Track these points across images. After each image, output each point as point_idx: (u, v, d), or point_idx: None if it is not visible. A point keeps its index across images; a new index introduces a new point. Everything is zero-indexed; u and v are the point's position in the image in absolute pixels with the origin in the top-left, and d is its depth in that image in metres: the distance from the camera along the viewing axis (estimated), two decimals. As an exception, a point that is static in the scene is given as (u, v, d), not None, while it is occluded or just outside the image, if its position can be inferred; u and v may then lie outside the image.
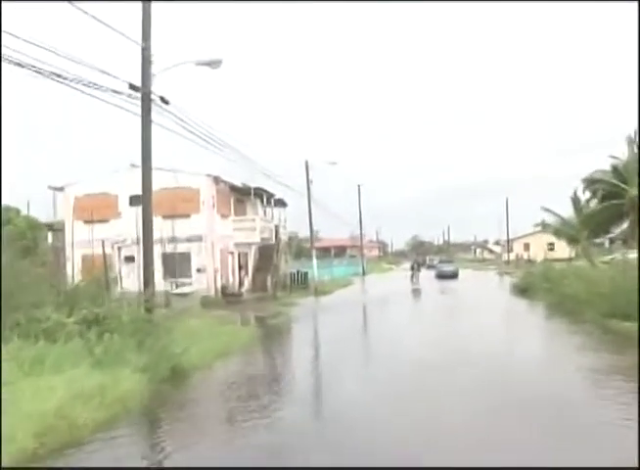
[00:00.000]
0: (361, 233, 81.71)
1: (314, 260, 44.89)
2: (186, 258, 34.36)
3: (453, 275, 59.84)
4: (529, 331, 19.74)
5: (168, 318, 18.16)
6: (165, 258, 34.55)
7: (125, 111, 16.54)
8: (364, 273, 75.10)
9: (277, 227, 42.33)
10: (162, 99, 16.92)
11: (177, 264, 34.44)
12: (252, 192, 37.56)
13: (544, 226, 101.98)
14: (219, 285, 34.62)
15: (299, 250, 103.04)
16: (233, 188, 37.36)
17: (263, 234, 38.00)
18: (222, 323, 20.80)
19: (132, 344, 12.88)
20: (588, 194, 42.27)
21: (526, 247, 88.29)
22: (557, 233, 47.95)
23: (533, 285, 31.29)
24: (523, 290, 32.52)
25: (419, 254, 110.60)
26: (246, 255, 39.73)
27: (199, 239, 34.18)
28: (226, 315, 24.93)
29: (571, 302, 22.88)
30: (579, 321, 20.08)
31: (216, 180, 35.01)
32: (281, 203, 43.60)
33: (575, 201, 43.71)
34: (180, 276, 34.19)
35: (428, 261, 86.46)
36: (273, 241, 40.59)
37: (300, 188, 45.17)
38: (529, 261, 74.45)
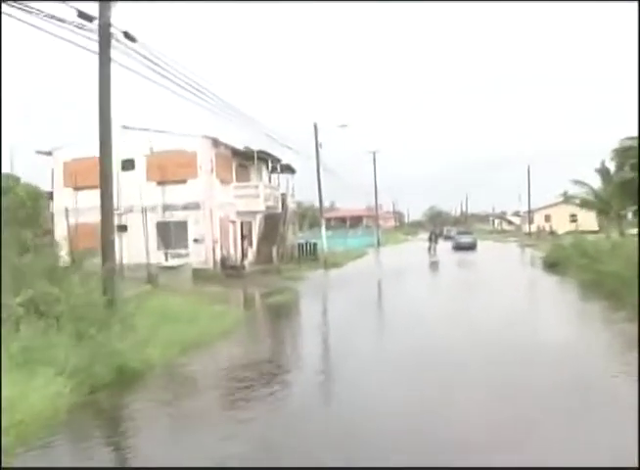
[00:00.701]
0: (376, 202, 78.53)
1: (323, 231, 41.91)
2: (182, 227, 31.67)
3: (471, 247, 57.21)
4: (568, 318, 16.60)
5: (140, 298, 15.41)
6: (160, 227, 31.93)
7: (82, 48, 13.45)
8: (379, 244, 72.09)
9: (284, 195, 39.50)
10: (127, 35, 13.86)
11: (173, 234, 31.78)
12: (256, 156, 34.48)
13: (567, 198, 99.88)
14: (219, 257, 31.90)
15: (315, 220, 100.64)
16: (235, 152, 34.46)
17: (268, 202, 35.14)
18: (211, 302, 18.21)
19: (70, 335, 10.13)
20: (614, 165, 39.39)
21: (547, 218, 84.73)
22: (585, 205, 44.47)
23: (563, 259, 28.24)
24: (551, 264, 29.50)
25: (436, 224, 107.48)
26: (249, 224, 36.95)
27: (196, 207, 31.42)
28: (220, 292, 22.40)
29: (612, 281, 19.76)
30: (622, 306, 16.83)
31: (215, 142, 32.12)
32: (288, 169, 40.60)
33: (604, 171, 40.63)
34: (176, 247, 31.55)
35: (445, 232, 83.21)
36: (279, 210, 37.78)
37: (313, 154, 42.15)
38: (552, 233, 71.14)
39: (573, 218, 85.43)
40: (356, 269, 35.96)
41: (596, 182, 41.67)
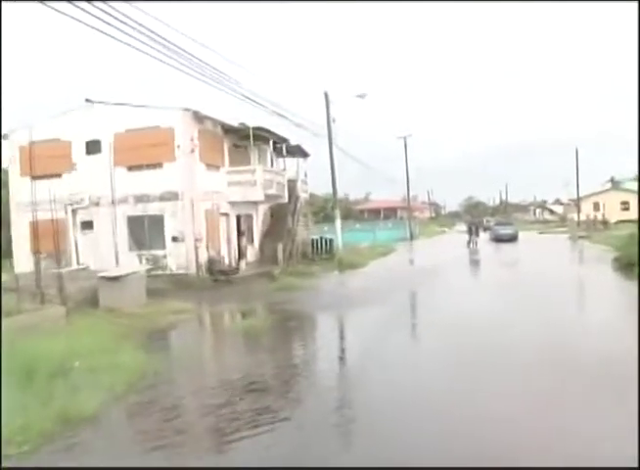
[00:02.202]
0: (408, 191, 71.61)
1: (338, 224, 34.81)
2: (158, 222, 25.44)
3: (512, 238, 51.79)
4: None
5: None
6: (132, 222, 25.85)
7: None
8: (412, 237, 65.46)
9: (293, 182, 33.08)
10: None
11: (147, 232, 25.65)
12: (252, 135, 27.86)
13: (615, 183, 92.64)
14: (205, 258, 25.67)
15: (347, 212, 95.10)
16: (227, 130, 28.09)
17: (269, 190, 28.69)
18: (131, 336, 12.13)
19: None
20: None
21: (596, 206, 77.56)
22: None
23: None
24: (627, 264, 22.46)
25: (474, 215, 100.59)
26: (249, 217, 30.63)
27: (174, 197, 25.17)
28: (171, 312, 16.15)
29: None
30: None
31: (198, 117, 25.77)
32: (299, 151, 34.14)
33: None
34: (151, 247, 25.42)
35: (485, 223, 76.23)
36: (285, 199, 31.42)
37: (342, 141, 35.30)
38: (604, 223, 63.79)
39: (625, 206, 78.26)
40: (377, 273, 28.72)
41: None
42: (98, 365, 9.38)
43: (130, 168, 25.57)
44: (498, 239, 52.11)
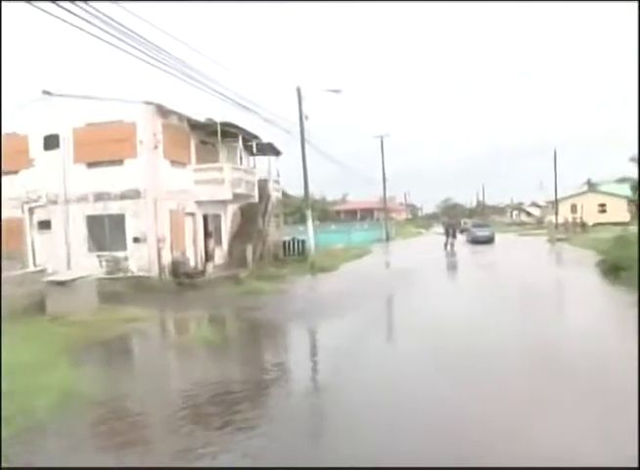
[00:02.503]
0: (384, 192, 70.39)
1: (310, 225, 33.24)
2: (119, 222, 24.01)
3: (489, 240, 51.40)
4: None
5: None
6: (92, 222, 24.40)
7: None
8: (388, 239, 64.39)
9: (264, 181, 31.77)
10: None
11: (108, 232, 24.22)
12: (220, 131, 26.44)
13: (591, 186, 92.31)
14: (170, 260, 24.30)
15: (324, 213, 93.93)
16: (193, 125, 26.71)
17: (237, 189, 27.31)
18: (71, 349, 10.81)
19: None
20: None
21: (574, 209, 76.89)
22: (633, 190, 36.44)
23: (630, 261, 20.07)
24: (612, 268, 21.35)
25: (451, 217, 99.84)
26: (217, 218, 29.27)
27: (135, 195, 23.76)
28: (120, 321, 14.76)
29: None
30: None
31: (161, 111, 24.37)
32: (270, 149, 32.83)
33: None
34: (112, 248, 23.95)
35: (462, 225, 75.37)
36: (256, 198, 30.07)
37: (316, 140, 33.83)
38: (583, 225, 63.03)
39: (603, 208, 77.77)
40: (351, 276, 27.49)
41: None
42: (17, 387, 8.03)
43: (90, 165, 24.12)
44: (475, 241, 51.56)
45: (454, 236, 44.60)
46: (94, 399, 8.29)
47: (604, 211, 75.75)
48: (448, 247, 42.80)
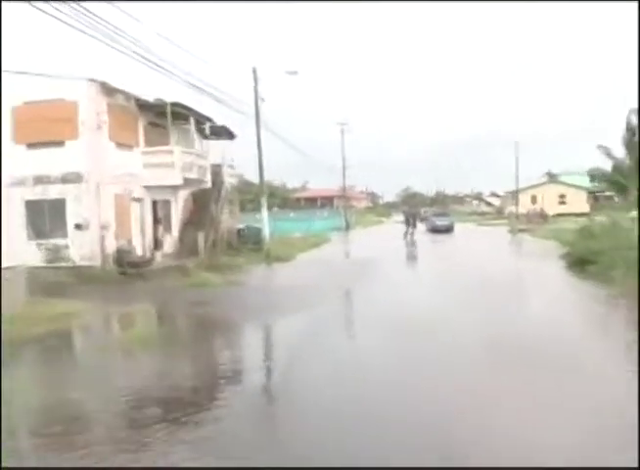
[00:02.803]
0: (344, 180, 69.25)
1: (264, 212, 32.14)
2: (59, 207, 22.46)
3: (448, 229, 52.11)
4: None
5: None
6: (31, 207, 22.80)
7: None
8: (348, 227, 63.39)
9: (218, 166, 30.37)
10: None
11: (48, 218, 22.66)
12: (170, 111, 25.07)
13: (551, 176, 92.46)
14: (115, 248, 22.85)
15: (284, 201, 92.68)
16: (142, 105, 25.21)
17: (189, 173, 25.89)
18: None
19: None
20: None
21: (534, 199, 76.73)
22: (600, 179, 35.80)
23: (598, 254, 19.18)
24: (579, 262, 20.45)
25: (411, 205, 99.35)
26: (167, 203, 27.82)
27: (77, 178, 22.24)
28: (27, 321, 13.27)
29: None
30: None
31: (106, 89, 22.83)
32: (225, 133, 31.40)
33: (629, 138, 32.21)
34: (52, 236, 22.42)
35: (422, 214, 74.78)
36: (209, 184, 28.68)
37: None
38: (543, 216, 62.63)
39: (563, 200, 77.72)
40: (308, 266, 26.36)
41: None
42: None
43: (30, 146, 22.51)
44: (435, 230, 51.72)
45: (414, 225, 43.80)
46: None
47: (564, 203, 75.74)
48: (408, 236, 41.93)
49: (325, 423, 6.81)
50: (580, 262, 20.09)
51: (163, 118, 25.56)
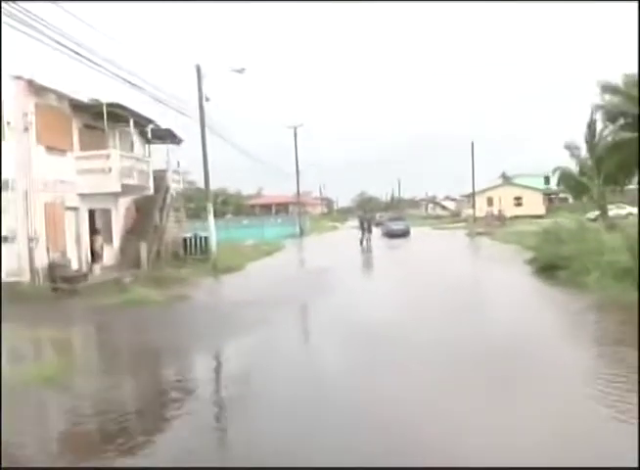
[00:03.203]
0: (298, 185, 67.56)
1: (211, 219, 29.41)
2: (-18, 218, 20.42)
3: (404, 233, 51.25)
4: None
5: None
6: (-49, 219, 20.69)
7: None
8: (302, 234, 61.91)
9: (162, 172, 28.56)
10: None
11: (-30, 230, 20.59)
12: (107, 112, 23.19)
13: (506, 178, 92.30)
14: (46, 262, 20.88)
15: (238, 207, 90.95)
16: (76, 106, 23.31)
17: (128, 179, 23.98)
18: None
19: None
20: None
21: (490, 201, 76.20)
22: (564, 180, 34.67)
23: (565, 260, 17.91)
24: (545, 267, 19.18)
25: (367, 210, 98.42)
26: (107, 213, 25.89)
27: (2, 186, 20.21)
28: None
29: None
30: None
31: (34, 87, 20.89)
32: (170, 136, 29.60)
33: (590, 133, 31.13)
34: (-25, 249, 20.36)
35: (378, 218, 73.73)
36: (152, 191, 26.83)
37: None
38: (501, 219, 61.79)
39: (519, 201, 77.37)
40: (258, 278, 24.67)
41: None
42: None
43: (-50, 151, 20.45)
44: (390, 234, 50.95)
45: (369, 230, 42.09)
46: None
47: (520, 205, 75.40)
48: (364, 242, 40.33)
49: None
50: (549, 268, 18.85)
51: (100, 121, 23.66)
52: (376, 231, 49.19)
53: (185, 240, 30.26)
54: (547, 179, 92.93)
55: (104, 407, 8.05)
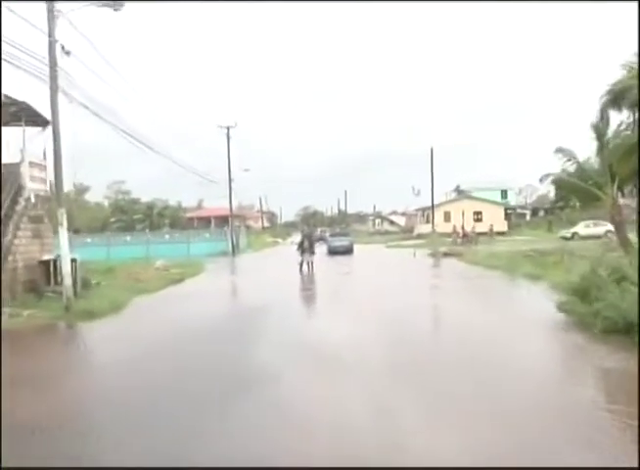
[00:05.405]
0: (230, 193, 58.82)
1: (62, 234, 18.91)
2: None
3: (347, 250, 48.56)
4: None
5: None
6: None
7: None
8: (235, 251, 53.32)
9: (13, 166, 19.60)
10: None
11: None
12: None
13: (460, 192, 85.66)
14: None
15: (175, 220, 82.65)
16: None
17: None
18: None
19: None
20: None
21: (447, 216, 69.30)
22: (563, 186, 26.73)
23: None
24: (614, 328, 10.75)
25: (310, 225, 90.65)
26: None
27: None
28: None
29: None
30: None
31: None
32: (34, 116, 20.56)
33: (599, 127, 23.39)
34: None
35: (320, 234, 66.28)
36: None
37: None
38: (465, 236, 53.94)
39: (478, 216, 70.17)
40: (130, 332, 14.96)
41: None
42: None
43: None
44: (333, 251, 48.01)
45: (312, 252, 31.33)
46: None
47: (479, 220, 68.06)
48: (305, 266, 30.48)
49: None
50: (624, 330, 10.51)
51: None
52: (319, 247, 39.51)
53: (46, 263, 20.89)
54: (504, 193, 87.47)
55: None
